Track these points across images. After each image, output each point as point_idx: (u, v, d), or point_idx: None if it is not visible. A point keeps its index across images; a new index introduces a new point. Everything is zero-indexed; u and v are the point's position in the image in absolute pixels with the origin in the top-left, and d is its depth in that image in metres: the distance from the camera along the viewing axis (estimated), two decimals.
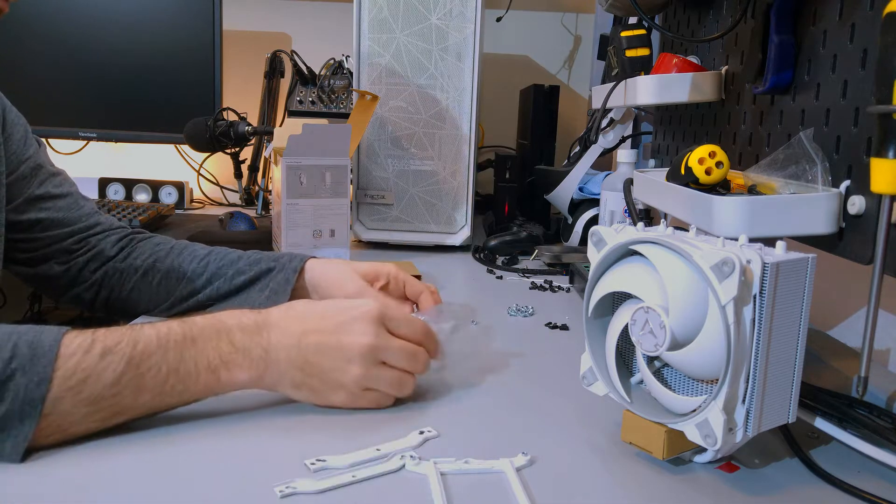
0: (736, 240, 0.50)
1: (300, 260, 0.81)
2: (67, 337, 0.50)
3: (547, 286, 1.08)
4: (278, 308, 0.59)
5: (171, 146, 1.84)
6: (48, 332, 0.50)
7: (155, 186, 1.77)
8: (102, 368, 0.50)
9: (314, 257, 0.83)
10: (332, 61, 1.69)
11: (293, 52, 1.70)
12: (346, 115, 1.64)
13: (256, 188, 1.73)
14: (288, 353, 0.57)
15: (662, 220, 0.57)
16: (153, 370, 0.52)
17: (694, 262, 0.48)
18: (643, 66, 1.06)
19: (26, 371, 0.48)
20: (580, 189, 1.35)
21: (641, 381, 0.56)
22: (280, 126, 1.74)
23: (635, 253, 0.53)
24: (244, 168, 1.74)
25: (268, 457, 0.52)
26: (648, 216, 1.07)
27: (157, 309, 0.84)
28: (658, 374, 0.54)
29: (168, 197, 1.77)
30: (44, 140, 0.85)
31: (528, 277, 1.14)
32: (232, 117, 1.51)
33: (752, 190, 0.65)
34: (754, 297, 0.47)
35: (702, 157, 0.64)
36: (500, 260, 1.25)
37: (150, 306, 0.84)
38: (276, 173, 1.12)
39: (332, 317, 0.58)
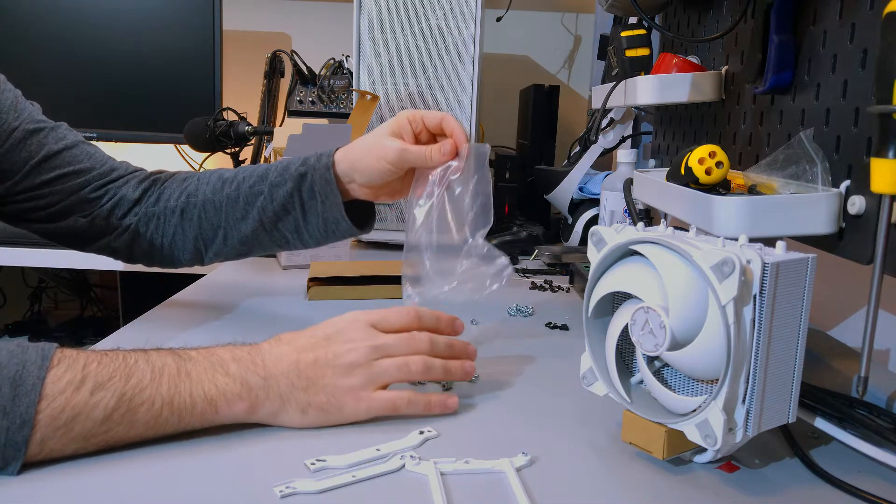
0: (736, 240, 0.50)
1: (327, 156, 0.77)
2: (54, 373, 0.48)
3: (547, 286, 1.08)
4: (266, 341, 0.59)
5: (171, 146, 1.83)
6: (32, 365, 0.47)
7: None
8: (93, 405, 0.48)
9: (338, 149, 0.79)
10: (332, 61, 1.69)
11: (293, 52, 1.70)
12: (346, 115, 1.64)
13: None
14: (288, 377, 0.56)
15: (662, 220, 0.57)
16: (146, 404, 0.50)
17: (694, 262, 0.48)
18: (643, 66, 1.05)
19: (7, 412, 0.46)
20: (580, 189, 1.35)
21: (641, 381, 0.56)
22: (280, 126, 1.74)
23: (635, 253, 0.53)
24: None
25: (268, 457, 0.52)
26: (648, 216, 1.07)
27: (210, 250, 0.81)
28: (658, 374, 0.54)
29: None
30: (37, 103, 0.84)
31: (528, 277, 1.14)
32: (232, 117, 1.51)
33: (752, 190, 0.65)
34: (754, 297, 0.47)
35: (702, 157, 0.63)
36: None
37: (202, 246, 0.81)
38: None
39: (320, 333, 0.59)
